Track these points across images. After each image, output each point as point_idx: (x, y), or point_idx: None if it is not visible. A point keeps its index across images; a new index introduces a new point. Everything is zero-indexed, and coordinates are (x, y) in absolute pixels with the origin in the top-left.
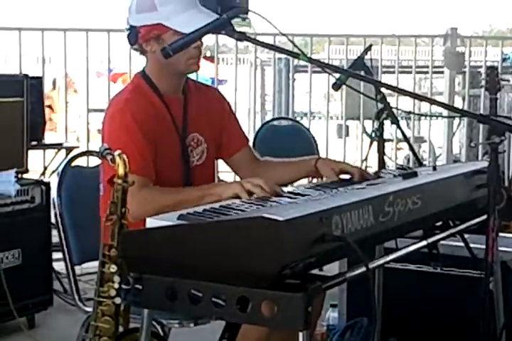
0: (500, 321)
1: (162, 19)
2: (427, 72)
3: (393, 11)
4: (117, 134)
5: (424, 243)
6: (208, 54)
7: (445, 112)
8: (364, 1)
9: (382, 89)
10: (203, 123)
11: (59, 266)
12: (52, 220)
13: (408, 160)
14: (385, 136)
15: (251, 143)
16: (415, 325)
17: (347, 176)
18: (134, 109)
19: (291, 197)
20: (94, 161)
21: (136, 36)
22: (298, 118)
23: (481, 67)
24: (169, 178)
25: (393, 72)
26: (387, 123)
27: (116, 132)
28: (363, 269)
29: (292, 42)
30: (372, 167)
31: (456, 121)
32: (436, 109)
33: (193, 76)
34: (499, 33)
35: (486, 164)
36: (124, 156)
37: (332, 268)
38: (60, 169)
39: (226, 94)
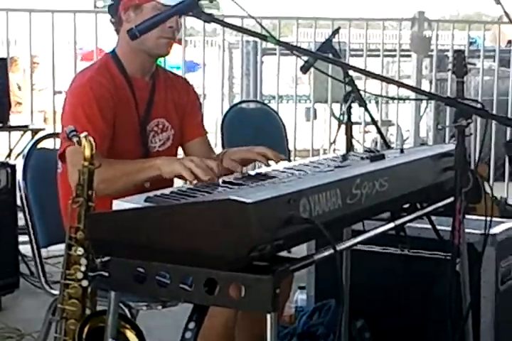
0: (466, 302)
1: None
2: (394, 56)
3: None
4: (74, 109)
5: (391, 225)
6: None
7: (413, 96)
8: None
9: (350, 72)
10: (171, 109)
11: (25, 249)
12: (18, 203)
13: (376, 143)
14: (353, 119)
15: (219, 126)
16: (383, 307)
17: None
18: (94, 87)
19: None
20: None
21: (117, 6)
22: (266, 102)
23: (448, 50)
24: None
25: (361, 56)
26: (355, 106)
27: (73, 107)
28: (331, 251)
29: (260, 24)
30: (340, 150)
31: (424, 104)
32: (403, 92)
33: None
34: (466, 16)
35: (453, 147)
36: (91, 138)
37: (300, 250)
38: (26, 151)
39: (194, 77)
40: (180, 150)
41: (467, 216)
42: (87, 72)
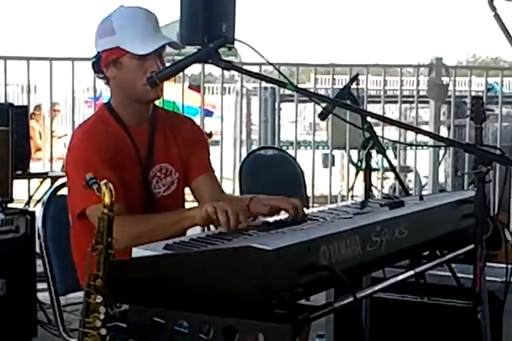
0: None
1: (119, 42)
2: (412, 102)
3: (378, 40)
4: (77, 167)
5: (411, 273)
6: (194, 83)
7: (431, 142)
8: (349, 31)
9: (368, 119)
10: (174, 153)
11: (43, 296)
12: (37, 250)
13: (394, 190)
14: (371, 165)
15: (237, 172)
16: None
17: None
18: (93, 141)
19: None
20: None
21: (99, 62)
22: (284, 148)
23: (466, 96)
24: (131, 209)
25: (379, 102)
26: (373, 152)
27: (76, 165)
28: (351, 299)
29: (279, 71)
30: (358, 196)
31: (442, 150)
32: (421, 138)
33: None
34: (483, 62)
35: (472, 193)
36: (111, 185)
37: (319, 298)
38: (45, 198)
39: (212, 124)
40: (188, 191)
41: (487, 263)
42: (83, 128)
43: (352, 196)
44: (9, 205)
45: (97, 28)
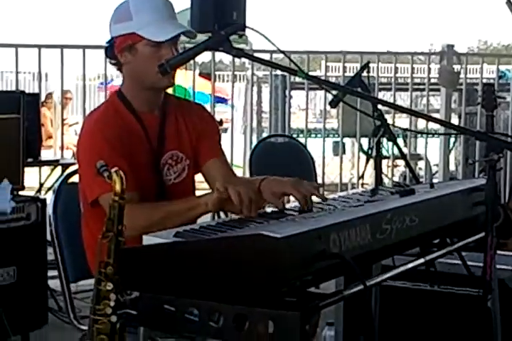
0: (497, 340)
1: (136, 28)
2: (423, 90)
3: (389, 28)
4: (88, 155)
5: (421, 260)
6: (204, 71)
7: (442, 130)
8: (360, 18)
9: (379, 106)
10: (185, 140)
11: (54, 284)
12: (48, 237)
13: (404, 178)
14: (382, 153)
15: (247, 160)
16: None
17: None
18: (103, 129)
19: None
20: None
21: (112, 48)
22: (294, 136)
23: (477, 84)
24: (142, 197)
25: (390, 90)
26: (383, 140)
27: (87, 153)
28: (361, 287)
29: (290, 58)
30: (369, 184)
31: (453, 138)
32: (432, 126)
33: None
34: (495, 50)
35: (483, 181)
36: (121, 173)
37: (328, 286)
38: (56, 186)
39: (222, 112)
40: (200, 178)
41: (498, 251)
42: (94, 115)
43: (362, 184)
44: (20, 193)
45: (113, 13)
